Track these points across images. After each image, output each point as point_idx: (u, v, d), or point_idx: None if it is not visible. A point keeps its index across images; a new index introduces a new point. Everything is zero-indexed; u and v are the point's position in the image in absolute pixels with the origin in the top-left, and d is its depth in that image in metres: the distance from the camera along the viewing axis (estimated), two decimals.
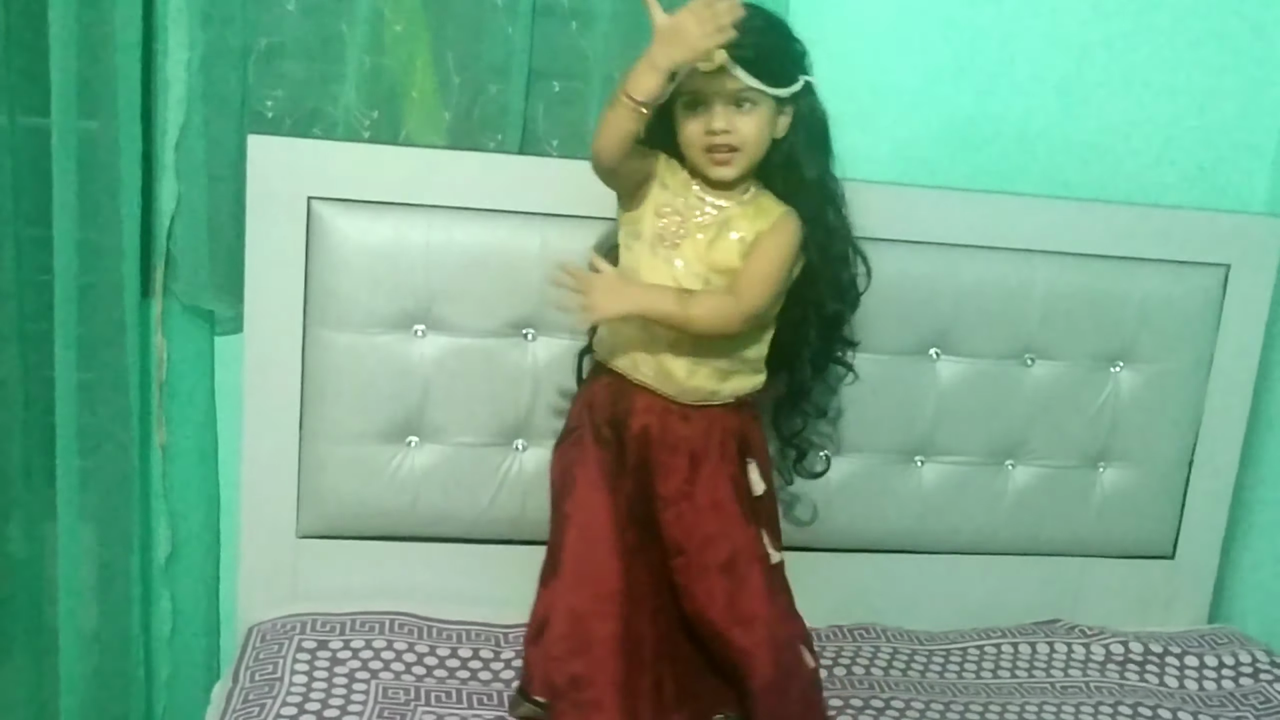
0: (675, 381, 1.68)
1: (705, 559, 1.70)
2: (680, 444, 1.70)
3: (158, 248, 1.96)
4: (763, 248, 1.66)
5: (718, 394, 1.71)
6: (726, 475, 1.71)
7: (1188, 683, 2.04)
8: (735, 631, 1.69)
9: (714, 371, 1.69)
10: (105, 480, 1.99)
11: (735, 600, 1.69)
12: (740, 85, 1.60)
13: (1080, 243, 2.09)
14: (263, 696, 1.74)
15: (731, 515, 1.71)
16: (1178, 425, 2.18)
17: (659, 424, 1.69)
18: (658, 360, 1.68)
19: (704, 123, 1.63)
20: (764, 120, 1.64)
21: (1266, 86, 2.23)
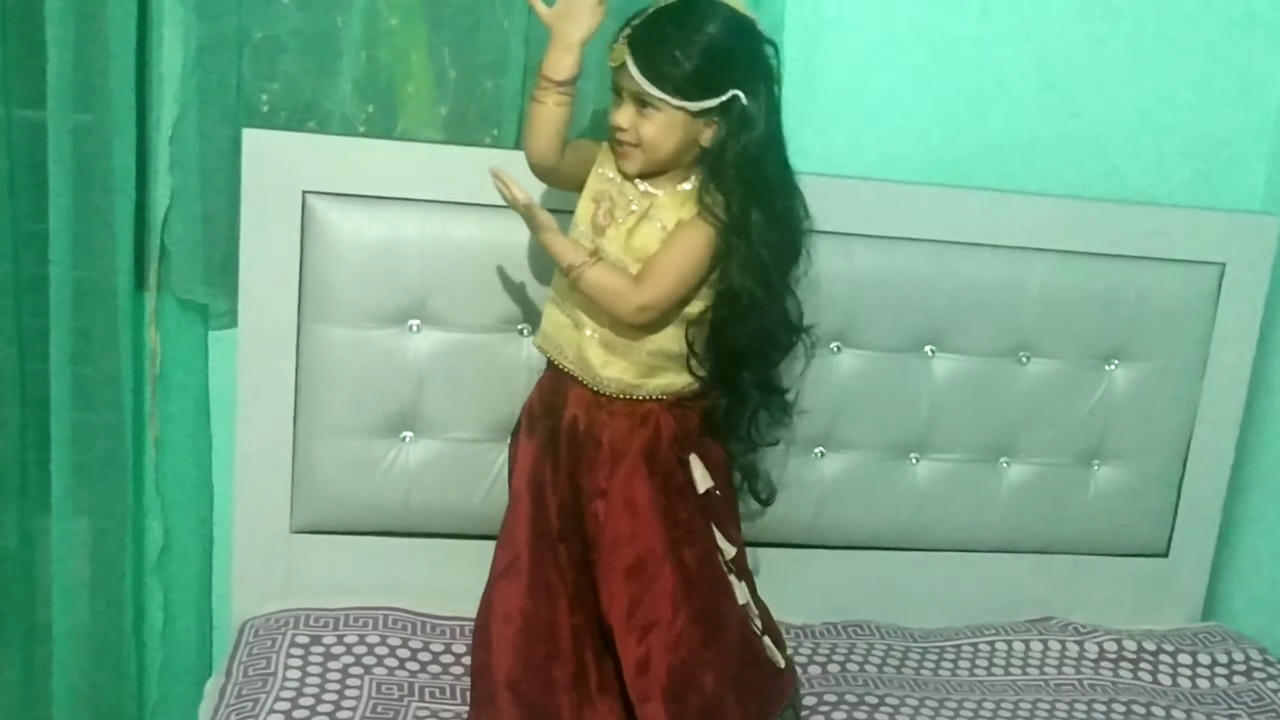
0: (591, 369, 1.67)
1: (612, 560, 1.66)
2: (603, 438, 1.68)
3: (152, 242, 1.96)
4: (670, 240, 1.64)
5: (640, 388, 1.68)
6: (647, 474, 1.67)
7: (1181, 681, 2.05)
8: (631, 638, 1.64)
9: (631, 365, 1.67)
10: (99, 474, 1.99)
11: (638, 605, 1.65)
12: (639, 88, 1.60)
13: (1075, 240, 2.08)
14: (256, 691, 1.73)
15: (644, 517, 1.66)
16: (1172, 423, 2.18)
17: (586, 417, 1.69)
18: (578, 347, 1.68)
19: (614, 113, 1.65)
20: (667, 126, 1.61)
21: (1262, 85, 2.23)
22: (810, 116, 2.08)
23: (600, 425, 1.68)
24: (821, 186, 1.87)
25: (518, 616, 1.67)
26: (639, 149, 1.64)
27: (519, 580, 1.68)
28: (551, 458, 1.70)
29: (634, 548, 1.66)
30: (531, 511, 1.69)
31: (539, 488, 1.70)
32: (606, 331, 1.67)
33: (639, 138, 1.63)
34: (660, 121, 1.62)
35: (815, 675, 1.94)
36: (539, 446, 1.71)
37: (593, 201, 1.69)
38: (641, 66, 1.59)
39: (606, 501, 1.67)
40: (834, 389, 2.04)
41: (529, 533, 1.69)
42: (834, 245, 1.98)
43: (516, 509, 1.71)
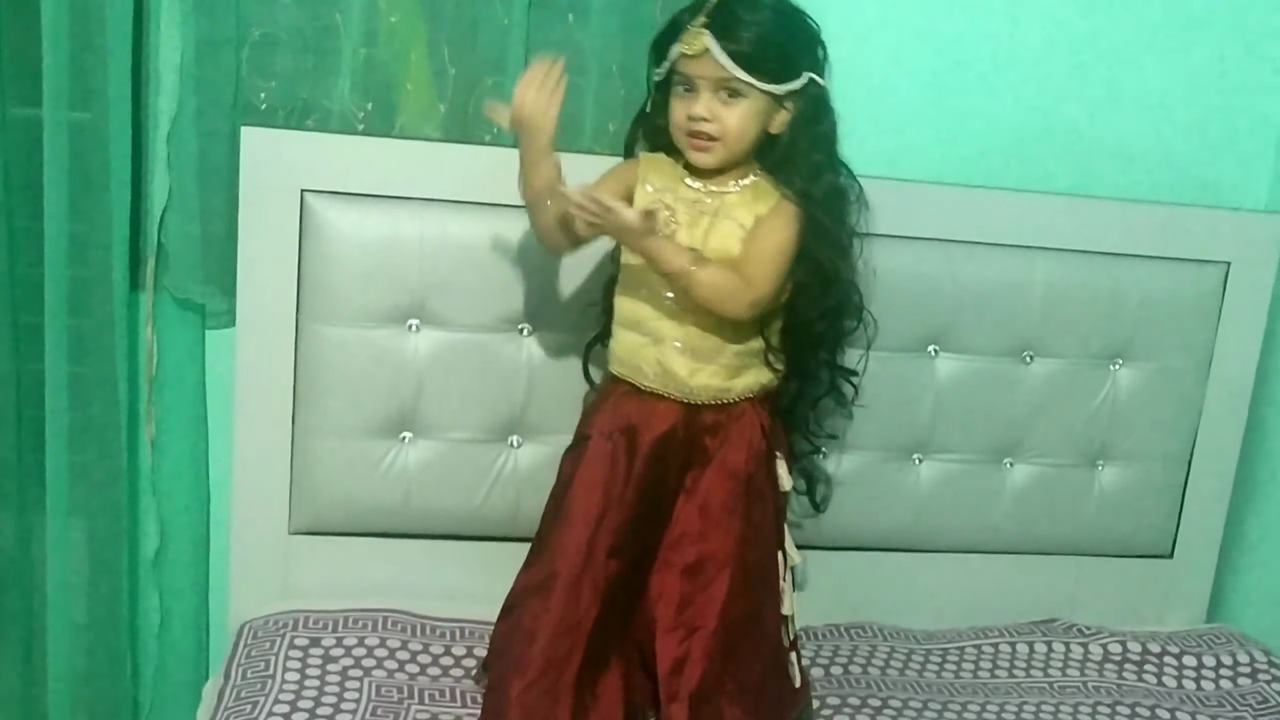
0: (679, 382, 1.65)
1: (673, 555, 1.66)
2: (695, 444, 1.67)
3: (149, 240, 1.94)
4: (763, 231, 1.63)
5: (730, 390, 1.67)
6: (730, 474, 1.67)
7: (1185, 682, 2.03)
8: (673, 637, 1.63)
9: (719, 369, 1.66)
10: (95, 475, 1.97)
11: (688, 605, 1.64)
12: (726, 74, 1.58)
13: (1080, 240, 2.07)
14: (255, 694, 1.72)
15: (716, 519, 1.66)
16: (1177, 424, 2.17)
17: (683, 428, 1.66)
18: (660, 363, 1.65)
19: (688, 106, 1.61)
20: (751, 113, 1.61)
21: (1267, 84, 2.21)
22: None
23: (697, 430, 1.66)
24: None
25: (543, 636, 1.62)
26: (720, 141, 1.62)
27: (550, 598, 1.64)
28: (625, 473, 1.65)
29: (698, 547, 1.65)
30: (583, 530, 1.65)
31: (601, 506, 1.65)
32: (693, 338, 1.64)
33: (723, 129, 1.61)
34: (745, 109, 1.61)
35: (819, 678, 1.92)
36: (609, 462, 1.66)
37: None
38: (730, 52, 1.57)
39: (685, 500, 1.66)
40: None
41: (575, 551, 1.64)
42: None
43: (564, 526, 1.66)
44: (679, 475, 1.67)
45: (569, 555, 1.64)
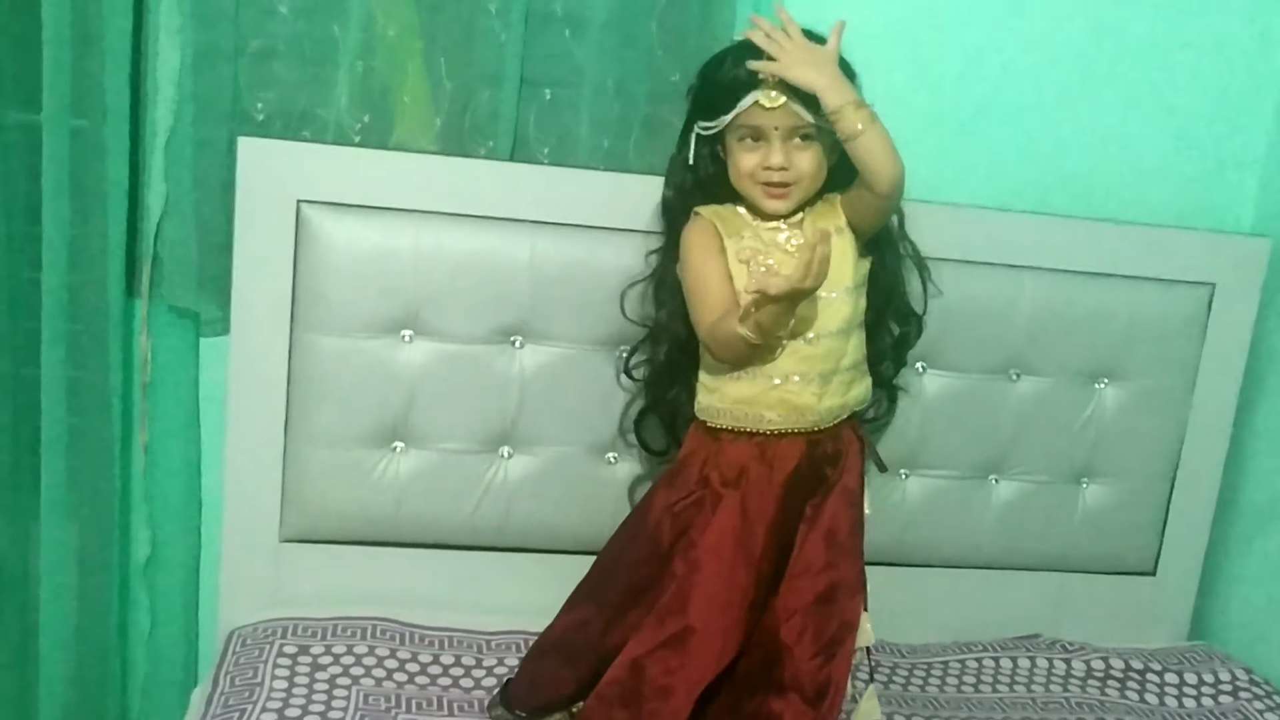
0: (810, 412, 1.64)
1: (801, 584, 1.63)
2: (822, 474, 1.66)
3: (144, 247, 1.95)
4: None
5: (846, 405, 1.68)
6: (850, 501, 1.67)
7: (1168, 700, 2.05)
8: (814, 662, 1.61)
9: (840, 384, 1.66)
10: (88, 480, 1.98)
11: (823, 632, 1.63)
12: (800, 121, 1.60)
13: (1067, 259, 2.09)
14: (242, 701, 1.73)
15: (842, 545, 1.65)
16: (1161, 443, 2.19)
17: (806, 461, 1.65)
18: (783, 402, 1.63)
19: (761, 157, 1.62)
20: (821, 154, 1.64)
21: (1253, 107, 2.24)
22: None
23: (819, 462, 1.65)
24: None
25: (680, 692, 1.60)
26: (797, 186, 1.64)
27: (687, 653, 1.60)
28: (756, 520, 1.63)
29: (828, 575, 1.64)
30: (722, 583, 1.61)
31: (736, 556, 1.62)
32: (813, 366, 1.62)
33: (799, 174, 1.63)
34: (816, 152, 1.64)
35: None
36: (739, 513, 1.63)
37: (740, 264, 1.65)
38: (802, 100, 1.59)
39: (809, 525, 1.64)
40: None
41: (710, 604, 1.61)
42: None
43: (698, 577, 1.61)
44: (802, 506, 1.66)
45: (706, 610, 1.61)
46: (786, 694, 1.62)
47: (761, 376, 1.63)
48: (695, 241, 1.69)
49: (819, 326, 1.63)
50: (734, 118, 1.62)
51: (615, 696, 1.62)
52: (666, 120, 1.96)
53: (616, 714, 1.61)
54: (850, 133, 1.58)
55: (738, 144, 1.65)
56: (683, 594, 1.62)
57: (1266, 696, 2.06)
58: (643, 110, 2.01)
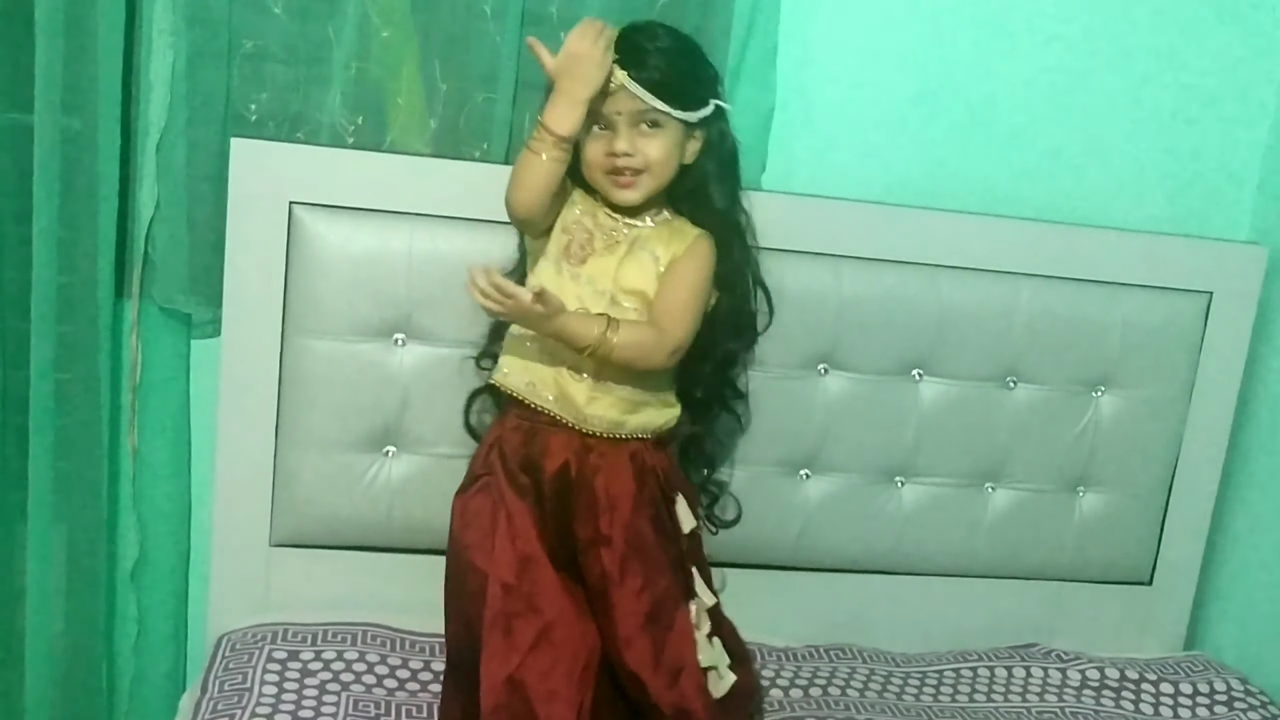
0: (575, 407, 1.62)
1: (628, 607, 1.60)
2: (597, 482, 1.62)
3: (135, 249, 1.94)
4: (679, 274, 1.63)
5: (624, 425, 1.64)
6: (647, 516, 1.64)
7: (1163, 709, 2.04)
8: (661, 683, 1.60)
9: (617, 401, 1.63)
10: (76, 483, 1.96)
11: (663, 651, 1.61)
12: (644, 106, 1.59)
13: (1064, 267, 2.08)
14: (232, 707, 1.71)
15: (653, 560, 1.63)
16: (1158, 451, 2.18)
17: (576, 461, 1.62)
18: (558, 383, 1.62)
19: (606, 144, 1.61)
20: (671, 143, 1.62)
21: (1250, 116, 2.23)
22: (801, 138, 2.08)
23: (592, 469, 1.62)
24: (811, 208, 1.87)
25: (563, 688, 1.58)
26: (645, 174, 1.62)
27: (554, 652, 1.59)
28: (550, 511, 1.63)
29: (649, 594, 1.62)
30: (553, 572, 1.61)
31: (551, 545, 1.62)
32: (593, 366, 1.61)
33: (646, 161, 1.61)
34: (664, 140, 1.61)
35: (796, 699, 1.92)
36: (533, 502, 1.63)
37: (564, 233, 1.66)
38: (645, 83, 1.58)
39: (610, 549, 1.61)
40: (820, 411, 2.03)
41: (555, 594, 1.60)
42: (822, 267, 1.98)
43: (533, 573, 1.60)
44: (587, 518, 1.62)
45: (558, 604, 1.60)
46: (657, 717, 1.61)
47: (545, 349, 1.62)
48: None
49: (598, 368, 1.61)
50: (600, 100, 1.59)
51: (497, 713, 1.57)
52: None
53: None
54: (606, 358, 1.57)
55: (587, 136, 1.62)
56: (523, 594, 1.59)
57: (1262, 707, 2.05)
58: None
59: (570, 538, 1.64)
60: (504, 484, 1.63)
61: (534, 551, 1.61)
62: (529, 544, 1.61)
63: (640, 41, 1.60)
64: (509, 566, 1.60)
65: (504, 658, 1.58)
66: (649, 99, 1.58)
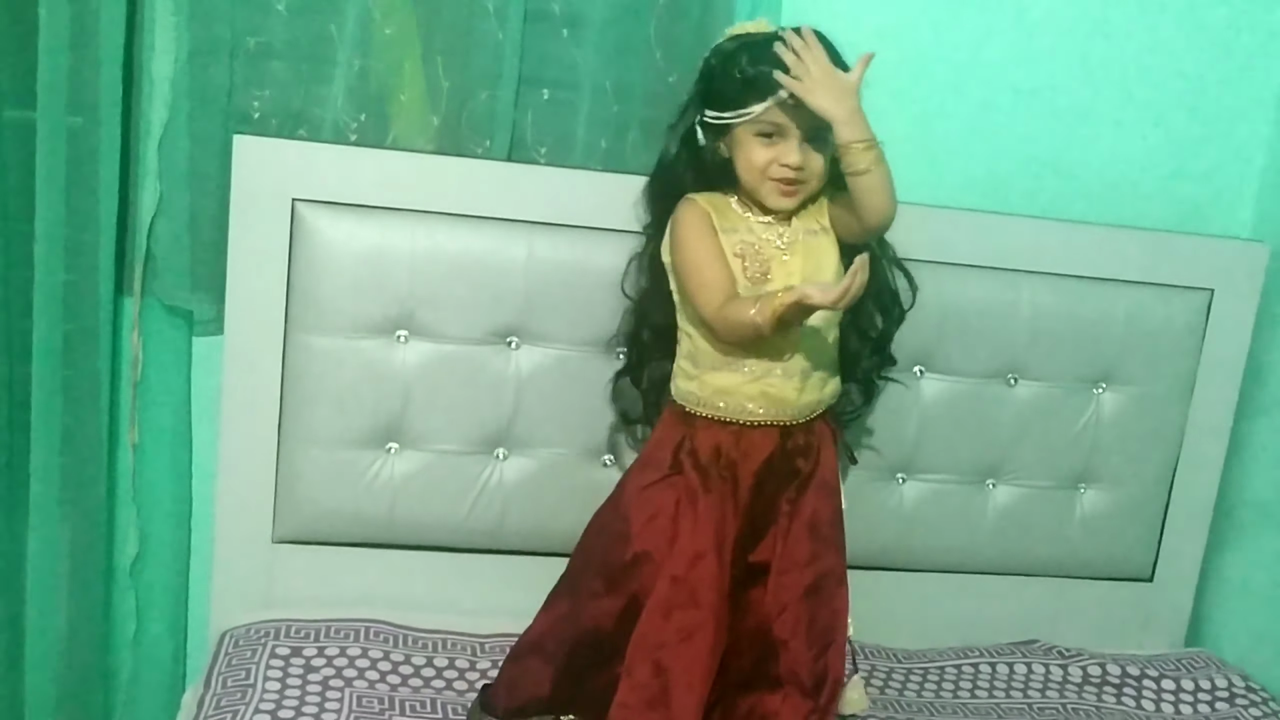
0: (789, 406, 1.65)
1: (789, 579, 1.65)
2: (794, 467, 1.67)
3: (137, 246, 1.94)
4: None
5: (822, 401, 1.70)
6: (829, 493, 1.69)
7: (1164, 706, 2.04)
8: (809, 653, 1.63)
9: (818, 380, 1.68)
10: (76, 479, 1.97)
11: (815, 622, 1.65)
12: (820, 122, 1.60)
13: (1066, 264, 2.09)
14: (235, 703, 1.72)
15: (826, 537, 1.68)
16: (1159, 448, 2.18)
17: (779, 451, 1.66)
18: (764, 395, 1.64)
19: (777, 153, 1.62)
20: (829, 155, 1.64)
21: (1250, 113, 2.24)
22: None
23: (791, 453, 1.66)
24: None
25: (700, 684, 1.60)
26: (806, 185, 1.64)
27: (704, 645, 1.61)
28: (733, 505, 1.64)
29: (814, 567, 1.66)
30: (720, 571, 1.63)
31: (726, 544, 1.64)
32: (795, 361, 1.64)
33: (811, 174, 1.64)
34: (826, 153, 1.64)
35: None
36: (719, 499, 1.64)
37: (736, 258, 1.66)
38: None
39: (791, 522, 1.66)
40: None
41: (718, 594, 1.62)
42: None
43: (701, 569, 1.61)
44: (775, 498, 1.67)
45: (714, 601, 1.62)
46: (783, 688, 1.64)
47: (744, 369, 1.65)
48: (691, 224, 1.68)
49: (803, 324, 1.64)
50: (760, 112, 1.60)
51: (642, 701, 1.61)
52: (664, 122, 1.95)
53: (647, 717, 1.60)
54: (855, 169, 1.59)
55: (753, 138, 1.63)
56: (689, 586, 1.62)
57: (1263, 703, 2.06)
58: (640, 111, 2.01)
59: (760, 523, 1.67)
60: (695, 483, 1.64)
61: (707, 548, 1.63)
62: (705, 540, 1.62)
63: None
64: (684, 561, 1.62)
65: (657, 642, 1.61)
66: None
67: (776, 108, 1.60)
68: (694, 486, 1.64)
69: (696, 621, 1.61)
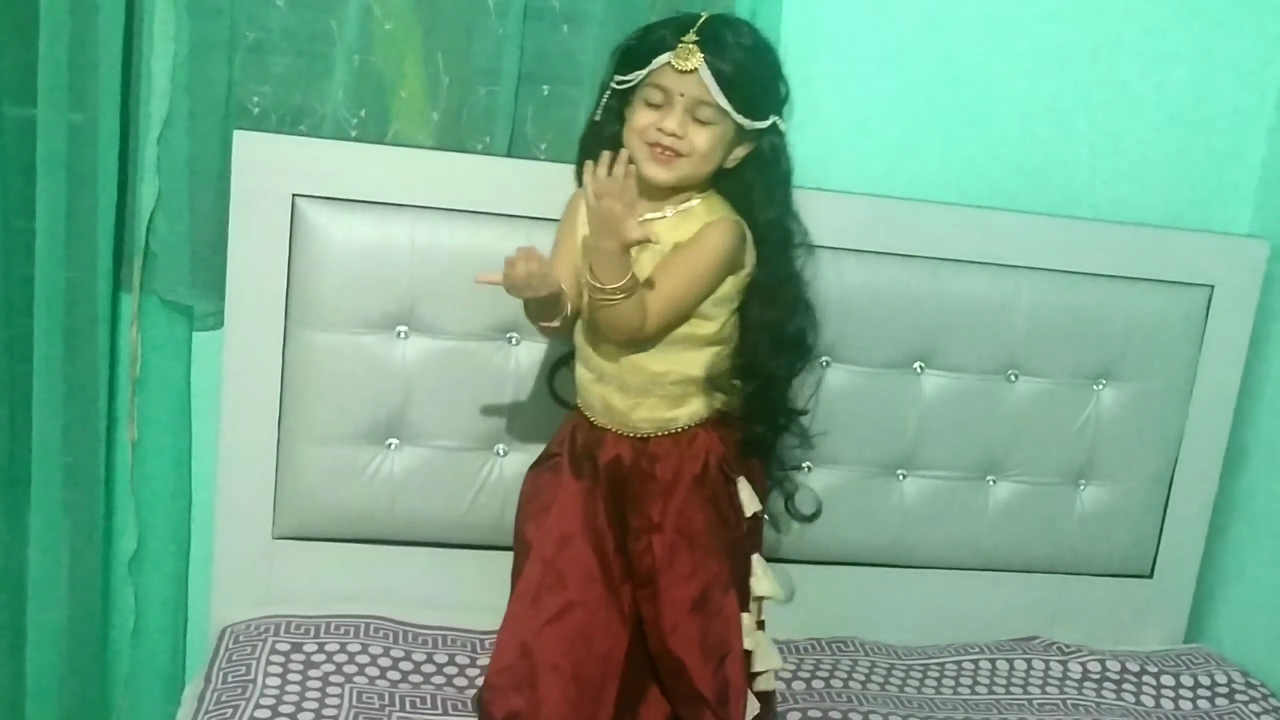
0: (619, 416, 1.66)
1: (676, 594, 1.64)
2: (655, 470, 1.66)
3: (136, 241, 1.94)
4: (672, 261, 1.61)
5: (675, 420, 1.66)
6: (701, 501, 1.66)
7: (1164, 702, 2.05)
8: (706, 668, 1.63)
9: (659, 401, 1.65)
10: (78, 475, 1.97)
11: (708, 635, 1.64)
12: (707, 97, 1.58)
13: (1067, 260, 2.09)
14: (236, 698, 1.72)
15: (704, 545, 1.66)
16: (1158, 445, 2.19)
17: (630, 454, 1.66)
18: (603, 400, 1.66)
19: (658, 118, 1.60)
20: (718, 139, 1.61)
21: (1252, 108, 2.24)
22: (803, 130, 2.07)
23: (649, 458, 1.66)
24: (813, 201, 1.86)
25: (567, 665, 1.62)
26: (684, 159, 1.61)
27: (572, 627, 1.63)
28: (602, 497, 1.67)
29: (698, 579, 1.64)
30: (589, 554, 1.65)
31: (595, 529, 1.66)
32: (625, 373, 1.64)
33: (691, 147, 1.60)
34: (715, 134, 1.61)
35: (799, 691, 1.93)
36: (588, 486, 1.67)
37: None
38: (717, 77, 1.57)
39: (662, 535, 1.65)
40: (822, 404, 2.02)
41: (586, 576, 1.64)
42: (825, 260, 1.96)
43: (569, 552, 1.65)
44: (640, 506, 1.66)
45: (583, 583, 1.64)
46: (696, 704, 1.65)
47: (594, 370, 1.66)
48: (564, 215, 1.73)
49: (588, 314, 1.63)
50: (646, 75, 1.59)
51: (509, 684, 1.63)
52: None
53: (513, 700, 1.63)
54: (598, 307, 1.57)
55: (642, 104, 1.62)
56: (556, 569, 1.65)
57: (1262, 699, 2.06)
58: None
59: (624, 526, 1.67)
60: (567, 467, 1.68)
61: (574, 531, 1.66)
62: (572, 523, 1.66)
63: (726, 34, 1.60)
64: (552, 543, 1.65)
65: (524, 624, 1.64)
66: (715, 92, 1.58)
67: (668, 69, 1.58)
68: (566, 470, 1.68)
69: (563, 603, 1.63)
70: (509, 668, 1.64)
